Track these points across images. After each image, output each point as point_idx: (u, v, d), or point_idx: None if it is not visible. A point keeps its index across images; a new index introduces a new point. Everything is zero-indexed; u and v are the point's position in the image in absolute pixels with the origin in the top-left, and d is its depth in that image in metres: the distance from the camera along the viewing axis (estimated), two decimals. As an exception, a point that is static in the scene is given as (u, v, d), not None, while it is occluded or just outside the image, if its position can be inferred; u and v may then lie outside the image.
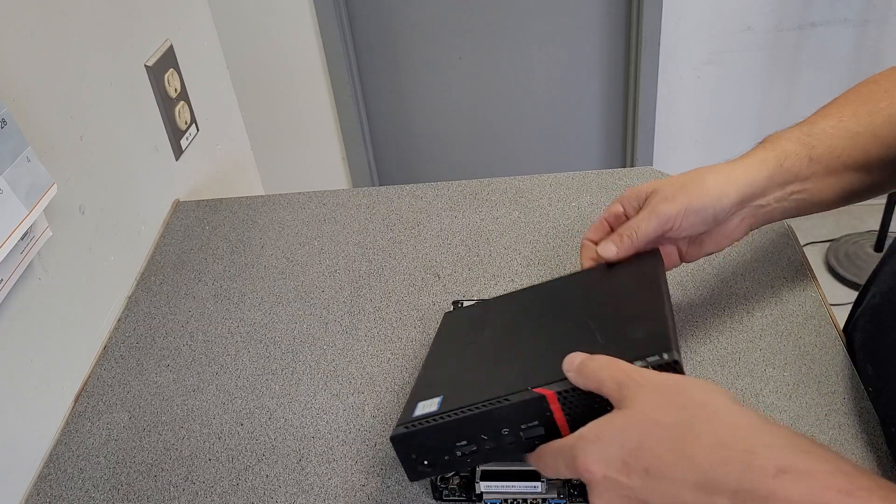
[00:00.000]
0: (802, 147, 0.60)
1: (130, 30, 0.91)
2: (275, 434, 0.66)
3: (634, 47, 2.16)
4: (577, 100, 2.31)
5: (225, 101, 1.19)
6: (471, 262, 0.81)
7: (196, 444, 0.66)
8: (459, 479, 0.57)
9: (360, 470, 0.62)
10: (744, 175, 0.59)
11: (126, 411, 0.70)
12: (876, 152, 0.60)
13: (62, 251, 0.74)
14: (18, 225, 0.62)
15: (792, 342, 0.67)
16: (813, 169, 0.60)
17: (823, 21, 2.09)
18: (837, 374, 0.64)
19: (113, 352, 0.76)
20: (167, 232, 0.92)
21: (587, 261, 0.62)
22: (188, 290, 0.83)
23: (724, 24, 2.10)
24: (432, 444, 0.49)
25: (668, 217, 0.58)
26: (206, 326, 0.78)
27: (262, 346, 0.75)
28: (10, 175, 0.62)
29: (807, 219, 2.30)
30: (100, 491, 0.63)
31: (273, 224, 0.91)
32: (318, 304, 0.79)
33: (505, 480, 0.55)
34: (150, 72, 0.94)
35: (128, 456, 0.66)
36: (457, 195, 0.92)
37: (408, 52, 2.23)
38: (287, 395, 0.69)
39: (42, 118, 0.72)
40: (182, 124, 1.01)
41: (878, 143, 0.60)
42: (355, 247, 0.86)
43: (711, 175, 0.59)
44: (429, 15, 2.17)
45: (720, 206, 0.58)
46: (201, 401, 0.70)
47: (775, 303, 0.71)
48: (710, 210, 0.58)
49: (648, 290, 0.54)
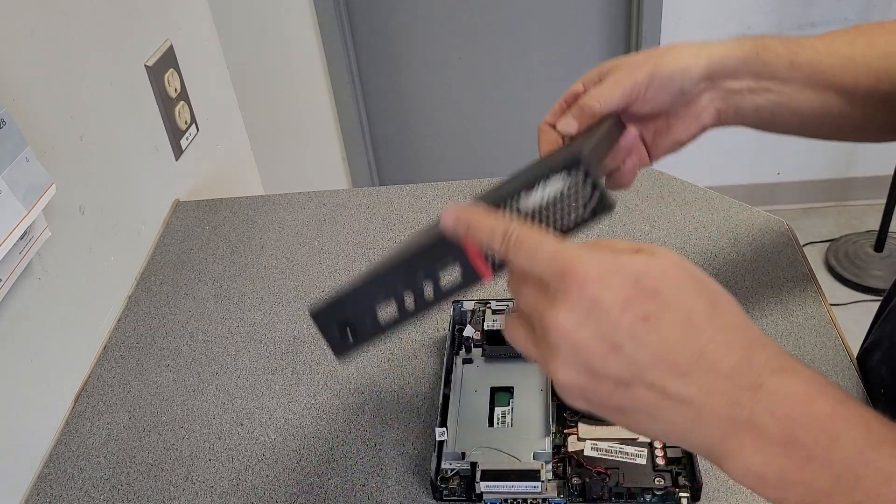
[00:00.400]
0: (785, 49, 0.56)
1: (130, 30, 0.91)
2: (275, 434, 0.66)
3: (634, 47, 2.16)
4: (577, 100, 2.31)
5: (225, 101, 1.19)
6: (471, 262, 0.81)
7: (196, 444, 0.66)
8: (459, 479, 0.57)
9: (360, 470, 0.62)
10: (717, 49, 0.55)
11: (126, 411, 0.70)
12: (865, 82, 0.56)
13: (62, 251, 0.74)
14: (17, 225, 0.63)
15: (792, 342, 0.67)
16: (792, 74, 0.56)
17: (824, 21, 2.09)
18: (838, 374, 0.64)
19: (113, 352, 0.76)
20: (167, 232, 0.92)
21: (546, 145, 0.57)
22: (188, 290, 0.83)
23: (724, 23, 2.10)
24: (353, 311, 0.45)
25: (633, 86, 0.53)
26: (206, 326, 0.78)
27: (263, 346, 0.75)
28: (9, 175, 0.62)
29: (807, 218, 2.31)
30: (100, 491, 0.63)
31: (273, 224, 0.91)
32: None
33: (505, 480, 0.55)
34: (150, 72, 0.94)
35: (128, 456, 0.66)
36: (457, 195, 0.92)
37: (408, 52, 2.23)
38: (287, 395, 0.69)
39: (42, 118, 0.72)
40: (182, 124, 1.01)
41: (870, 73, 0.56)
42: (355, 247, 0.86)
43: (681, 45, 0.55)
44: (429, 15, 2.17)
45: (687, 77, 0.54)
46: (201, 401, 0.70)
47: (775, 303, 0.71)
48: (676, 80, 0.54)
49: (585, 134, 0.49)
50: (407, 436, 0.64)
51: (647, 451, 0.57)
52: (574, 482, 0.56)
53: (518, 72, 2.26)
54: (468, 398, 0.62)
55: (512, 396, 0.62)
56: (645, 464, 0.56)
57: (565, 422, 0.60)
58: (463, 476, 0.57)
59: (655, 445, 0.57)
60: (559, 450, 0.58)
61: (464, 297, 0.72)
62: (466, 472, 0.57)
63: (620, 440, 0.58)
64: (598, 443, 0.58)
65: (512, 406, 0.61)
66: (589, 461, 0.57)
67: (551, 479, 0.56)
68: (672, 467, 0.56)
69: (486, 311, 0.70)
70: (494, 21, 2.17)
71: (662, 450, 0.57)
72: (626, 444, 0.57)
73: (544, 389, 0.62)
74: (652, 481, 0.55)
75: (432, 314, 0.75)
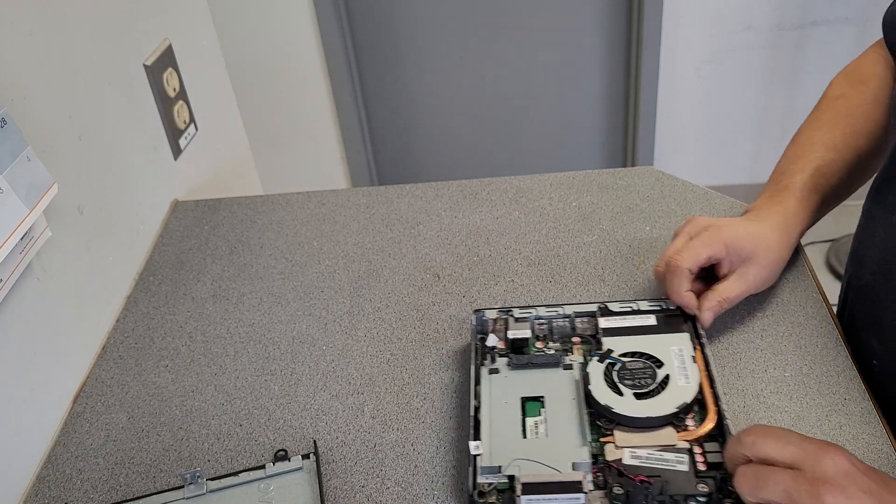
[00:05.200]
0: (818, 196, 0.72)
1: (129, 29, 0.91)
2: (274, 435, 0.65)
3: (635, 47, 2.16)
4: (577, 100, 2.31)
5: (224, 100, 1.19)
6: (471, 262, 0.81)
7: (195, 444, 0.66)
8: (497, 493, 0.55)
9: (360, 470, 0.61)
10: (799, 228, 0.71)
11: (125, 412, 0.70)
12: (858, 171, 0.73)
13: (61, 251, 0.73)
14: (19, 225, 0.62)
15: (792, 342, 0.67)
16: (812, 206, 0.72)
17: (824, 20, 2.09)
18: (838, 374, 0.64)
19: (111, 352, 0.76)
20: (166, 232, 0.92)
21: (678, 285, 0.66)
22: (187, 291, 0.83)
23: (725, 23, 2.10)
24: None
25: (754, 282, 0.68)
26: (205, 327, 0.78)
27: (262, 346, 0.74)
28: (11, 174, 0.62)
29: (807, 218, 2.31)
30: (98, 492, 0.63)
31: (272, 224, 0.91)
32: (317, 304, 0.78)
33: (547, 493, 0.53)
34: (148, 71, 0.94)
35: (126, 457, 0.65)
36: (457, 195, 0.92)
37: (408, 52, 2.23)
38: (287, 395, 0.69)
39: (40, 118, 0.72)
40: (181, 124, 1.01)
41: (860, 160, 0.72)
42: (355, 247, 0.86)
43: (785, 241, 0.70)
44: (429, 15, 2.17)
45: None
46: (200, 401, 0.70)
47: (775, 303, 0.71)
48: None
49: None
50: (407, 437, 0.64)
51: (687, 456, 0.55)
52: (616, 492, 0.54)
53: (518, 72, 2.26)
54: (498, 409, 0.61)
55: (543, 405, 0.61)
56: (687, 470, 0.54)
57: (600, 430, 0.58)
58: (501, 490, 0.55)
59: (695, 451, 0.56)
60: (597, 459, 0.56)
61: (485, 307, 0.71)
62: (504, 485, 0.55)
63: (659, 447, 0.56)
64: (637, 450, 0.56)
65: (544, 415, 0.60)
66: (629, 469, 0.55)
67: (593, 490, 0.54)
68: (714, 472, 0.54)
69: (508, 319, 0.68)
70: (495, 21, 2.17)
71: (703, 455, 0.55)
72: (665, 451, 0.56)
73: (576, 397, 0.61)
74: (695, 487, 0.53)
75: (432, 314, 0.75)
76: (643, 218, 0.84)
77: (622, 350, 0.63)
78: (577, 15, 2.15)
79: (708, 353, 0.62)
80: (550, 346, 0.67)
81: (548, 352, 0.66)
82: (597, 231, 0.83)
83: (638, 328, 0.65)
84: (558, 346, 0.67)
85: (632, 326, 0.66)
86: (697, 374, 0.60)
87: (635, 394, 0.59)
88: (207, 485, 0.60)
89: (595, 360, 0.63)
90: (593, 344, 0.66)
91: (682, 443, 0.56)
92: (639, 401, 0.59)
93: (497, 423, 0.60)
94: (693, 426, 0.58)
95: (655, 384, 0.60)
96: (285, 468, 0.60)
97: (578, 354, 0.66)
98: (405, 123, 2.37)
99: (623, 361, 0.62)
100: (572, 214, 0.86)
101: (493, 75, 2.26)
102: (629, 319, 0.66)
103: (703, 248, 0.65)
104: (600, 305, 0.68)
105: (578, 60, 2.24)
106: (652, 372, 0.61)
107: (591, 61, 2.24)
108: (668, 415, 0.58)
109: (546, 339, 0.68)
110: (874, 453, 0.57)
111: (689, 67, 2.19)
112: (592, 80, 2.27)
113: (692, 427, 0.57)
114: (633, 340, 0.64)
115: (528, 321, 0.68)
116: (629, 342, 0.64)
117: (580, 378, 0.62)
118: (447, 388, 0.67)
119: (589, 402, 0.60)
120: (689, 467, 0.55)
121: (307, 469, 0.60)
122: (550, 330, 0.68)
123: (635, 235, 0.82)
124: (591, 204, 0.87)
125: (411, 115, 2.35)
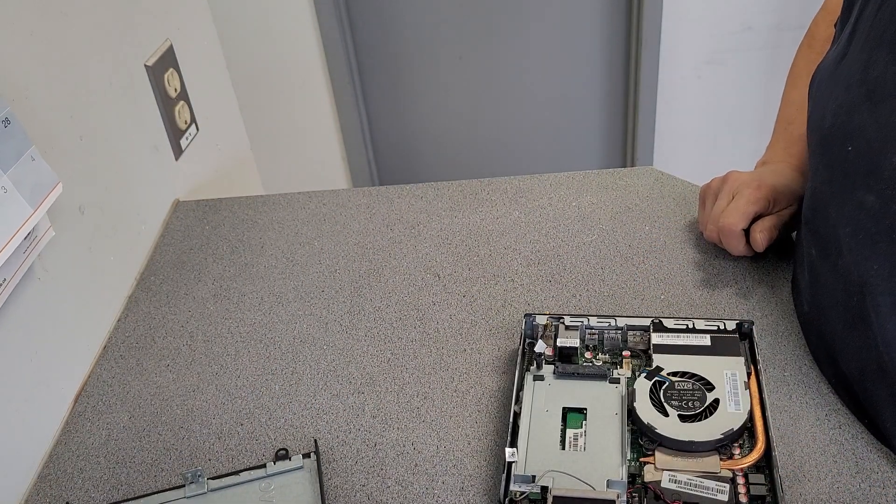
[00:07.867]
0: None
1: (130, 29, 0.91)
2: (275, 434, 0.66)
3: (634, 47, 2.16)
4: (577, 100, 2.31)
5: (225, 100, 1.19)
6: (471, 262, 0.81)
7: (196, 444, 0.66)
8: (529, 502, 0.54)
9: (360, 469, 0.62)
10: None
11: (126, 411, 0.70)
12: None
13: (62, 251, 0.74)
14: (23, 224, 0.62)
15: (793, 342, 0.67)
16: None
17: (824, 21, 2.09)
18: (838, 374, 0.64)
19: (113, 352, 0.76)
20: (167, 232, 0.92)
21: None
22: (188, 290, 0.83)
23: (724, 23, 2.10)
24: None
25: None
26: (206, 326, 0.78)
27: (262, 346, 0.75)
28: (15, 174, 0.62)
29: (807, 219, 2.31)
30: (100, 491, 0.63)
31: (273, 224, 0.91)
32: (318, 304, 0.79)
33: None
34: (149, 71, 0.94)
35: (127, 456, 0.66)
36: (457, 195, 0.92)
37: (408, 52, 2.23)
38: (287, 395, 0.69)
39: (42, 118, 0.72)
40: (182, 124, 1.01)
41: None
42: (355, 247, 0.86)
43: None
44: (429, 15, 2.17)
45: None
46: (201, 401, 0.70)
47: (776, 303, 0.71)
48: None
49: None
50: (407, 436, 0.64)
51: (729, 486, 0.53)
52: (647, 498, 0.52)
53: (518, 72, 2.26)
54: (539, 418, 0.59)
55: (585, 418, 0.59)
56: (727, 500, 0.52)
57: (641, 449, 0.57)
58: (533, 500, 0.54)
59: (738, 481, 0.54)
60: (634, 479, 0.55)
61: (535, 311, 0.71)
62: (536, 495, 0.54)
63: (701, 473, 0.54)
64: (677, 474, 0.54)
65: (585, 428, 0.58)
66: (666, 493, 0.53)
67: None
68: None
69: (559, 326, 0.67)
70: (494, 21, 2.17)
71: (745, 486, 0.53)
72: (706, 478, 0.53)
73: (619, 413, 0.59)
74: None
75: (433, 314, 0.75)
76: (643, 218, 0.84)
77: (672, 368, 0.61)
78: (577, 15, 2.15)
79: (763, 381, 0.60)
80: (599, 357, 0.65)
81: (595, 363, 0.64)
82: (597, 231, 0.83)
83: (691, 347, 0.63)
84: (607, 357, 0.65)
85: (685, 345, 0.63)
86: (749, 400, 0.58)
87: (680, 415, 0.57)
88: (208, 484, 0.60)
89: (643, 376, 0.61)
90: (643, 359, 0.64)
91: (725, 471, 0.54)
92: (684, 423, 0.57)
93: (536, 431, 0.58)
94: (739, 455, 0.55)
95: (703, 407, 0.58)
96: (286, 467, 0.61)
97: (627, 369, 0.64)
98: (405, 123, 2.37)
99: (672, 381, 0.60)
100: (572, 214, 0.86)
101: (492, 76, 2.27)
102: (683, 337, 0.64)
103: (751, 207, 0.71)
104: (654, 320, 0.66)
105: (578, 60, 2.24)
106: (701, 394, 0.59)
107: (591, 61, 2.24)
108: (713, 440, 0.55)
109: (595, 350, 0.66)
110: (874, 453, 0.58)
111: (688, 68, 2.19)
112: (592, 81, 2.27)
113: (738, 456, 0.55)
114: (685, 360, 0.62)
115: (578, 330, 0.66)
116: (680, 361, 0.62)
117: (626, 394, 0.61)
118: (447, 387, 0.68)
119: (632, 420, 0.58)
120: (729, 497, 0.52)
121: (308, 468, 0.61)
122: (601, 340, 0.66)
123: (635, 235, 0.82)
124: (590, 204, 0.88)
125: (411, 115, 2.35)
